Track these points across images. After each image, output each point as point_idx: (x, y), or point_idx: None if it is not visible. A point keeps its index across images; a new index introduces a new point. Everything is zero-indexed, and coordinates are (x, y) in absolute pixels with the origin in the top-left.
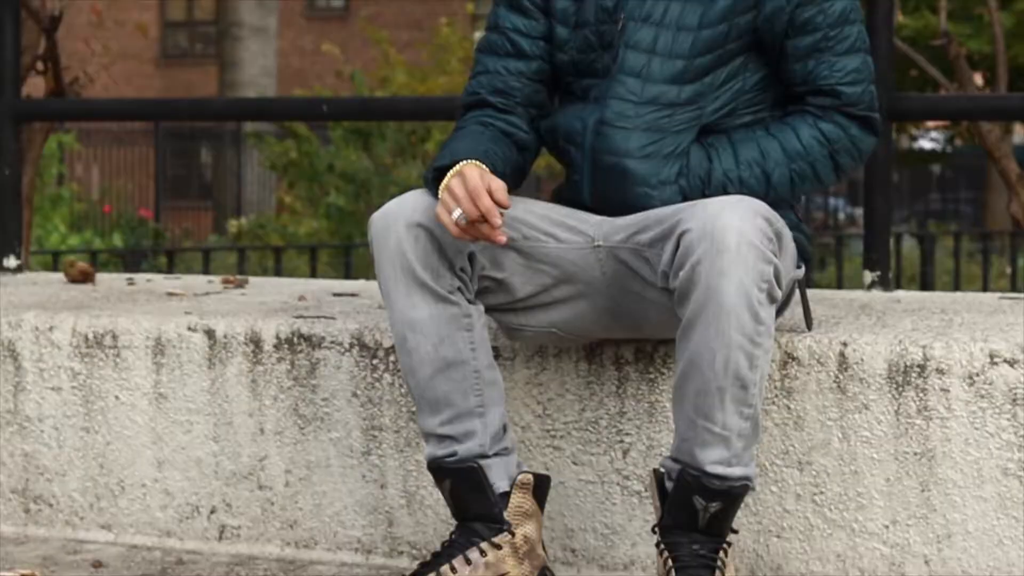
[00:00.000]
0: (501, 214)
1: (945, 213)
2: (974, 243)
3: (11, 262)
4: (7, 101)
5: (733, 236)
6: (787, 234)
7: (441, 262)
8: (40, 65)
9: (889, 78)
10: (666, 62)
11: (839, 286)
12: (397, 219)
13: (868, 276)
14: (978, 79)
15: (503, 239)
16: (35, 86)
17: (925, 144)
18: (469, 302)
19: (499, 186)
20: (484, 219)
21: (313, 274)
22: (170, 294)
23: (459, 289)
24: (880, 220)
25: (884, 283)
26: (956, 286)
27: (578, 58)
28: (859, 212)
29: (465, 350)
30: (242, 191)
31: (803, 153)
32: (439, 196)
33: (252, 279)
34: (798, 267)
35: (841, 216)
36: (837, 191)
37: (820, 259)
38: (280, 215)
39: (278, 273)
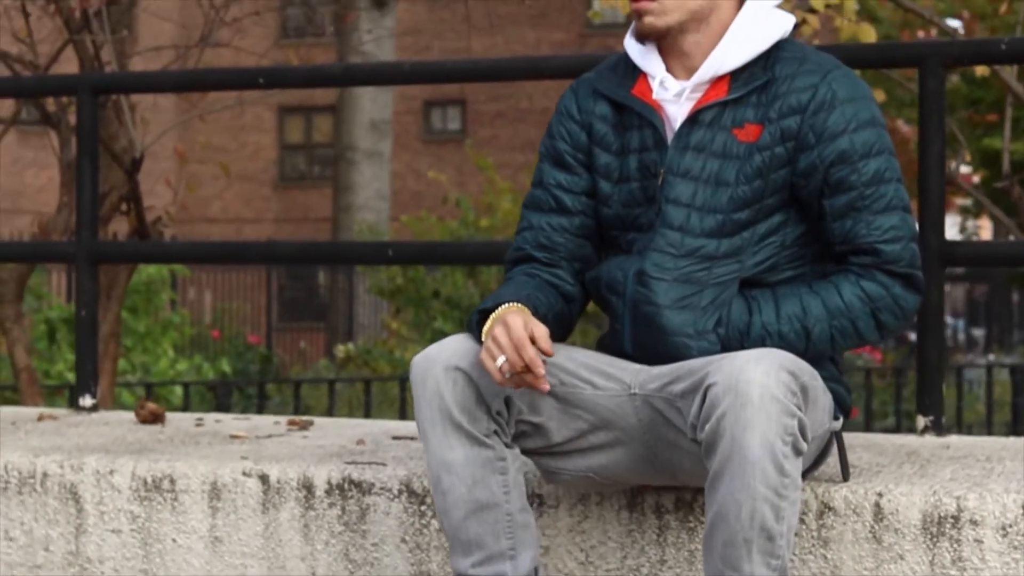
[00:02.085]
0: (544, 361)
1: None
2: None
3: (87, 401)
4: (84, 243)
5: (756, 390)
6: (817, 386)
7: (478, 406)
8: (124, 206)
9: (940, 223)
10: (705, 216)
11: None
12: (436, 363)
13: (921, 421)
14: None
15: (546, 387)
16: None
17: None
18: (505, 445)
19: (542, 333)
20: (528, 369)
21: (403, 405)
22: (233, 436)
23: (495, 432)
24: (934, 365)
25: (937, 428)
26: None
27: (623, 212)
28: (979, 333)
29: (498, 493)
30: (354, 314)
31: (845, 310)
32: (483, 342)
33: (317, 420)
34: (836, 419)
35: (961, 337)
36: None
37: None
38: (388, 340)
39: (367, 405)
